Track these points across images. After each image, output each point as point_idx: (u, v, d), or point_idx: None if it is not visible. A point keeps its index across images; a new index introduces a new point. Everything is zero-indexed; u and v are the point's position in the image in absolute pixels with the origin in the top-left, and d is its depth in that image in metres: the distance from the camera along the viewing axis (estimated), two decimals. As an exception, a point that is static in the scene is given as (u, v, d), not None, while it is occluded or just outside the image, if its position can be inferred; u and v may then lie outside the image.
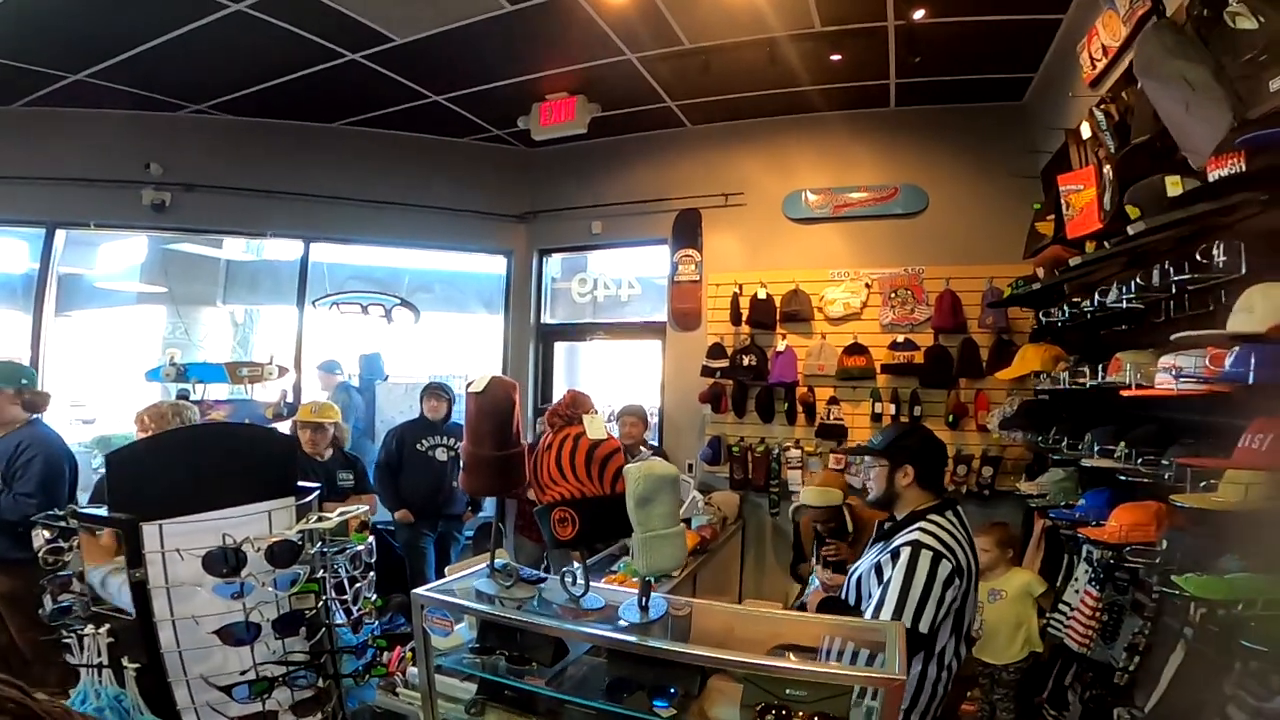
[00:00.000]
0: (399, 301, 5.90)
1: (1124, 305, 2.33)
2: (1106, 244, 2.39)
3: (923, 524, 2.04)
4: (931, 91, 4.61)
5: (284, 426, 4.56)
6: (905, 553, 1.95)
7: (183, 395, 4.48)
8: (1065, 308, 2.95)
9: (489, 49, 4.21)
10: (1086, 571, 2.67)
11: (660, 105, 5.04)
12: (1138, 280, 2.20)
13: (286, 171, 5.44)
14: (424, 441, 4.74)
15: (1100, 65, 2.76)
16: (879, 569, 2.04)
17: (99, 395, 5.65)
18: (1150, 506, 2.23)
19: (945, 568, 1.91)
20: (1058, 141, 3.45)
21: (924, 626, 1.86)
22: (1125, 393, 2.24)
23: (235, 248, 6.34)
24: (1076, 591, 2.73)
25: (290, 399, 5.08)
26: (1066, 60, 3.40)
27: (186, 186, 5.24)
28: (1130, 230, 2.11)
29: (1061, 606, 2.81)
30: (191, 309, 6.26)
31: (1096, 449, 2.47)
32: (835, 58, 4.22)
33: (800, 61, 4.25)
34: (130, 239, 5.92)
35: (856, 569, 2.22)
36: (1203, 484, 1.88)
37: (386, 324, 5.91)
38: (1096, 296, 2.52)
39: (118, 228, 5.47)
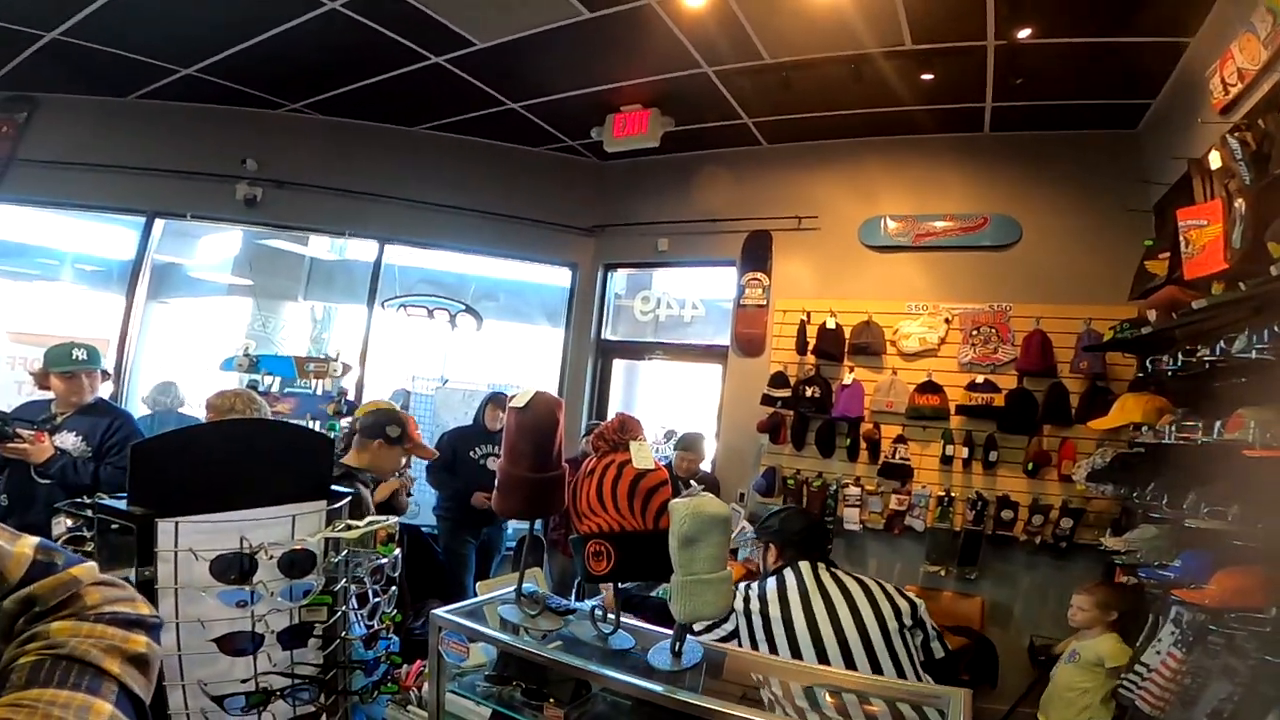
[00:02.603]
0: (464, 308, 5.94)
1: (1253, 355, 2.04)
2: (1242, 285, 2.10)
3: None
4: (1032, 116, 4.33)
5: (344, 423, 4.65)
6: None
7: (252, 386, 4.61)
8: (1178, 356, 2.64)
9: (566, 57, 4.19)
10: (1173, 633, 2.48)
11: (736, 121, 4.91)
12: (1275, 328, 1.91)
13: (368, 173, 5.59)
14: (477, 449, 4.70)
15: (1235, 91, 2.49)
16: None
17: (188, 380, 5.92)
18: (1259, 572, 2.07)
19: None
20: (1174, 174, 3.14)
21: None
22: (1250, 453, 2.00)
23: (320, 246, 6.54)
24: (1159, 653, 2.52)
25: (351, 397, 5.17)
26: (1193, 85, 3.11)
27: (278, 183, 5.45)
28: (1274, 271, 1.83)
29: (1138, 668, 2.60)
30: (275, 303, 6.49)
31: (1204, 509, 2.27)
32: (926, 77, 4.00)
33: (887, 80, 4.05)
34: (229, 232, 6.19)
35: None
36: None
37: (450, 329, 5.97)
38: (1220, 345, 2.23)
39: (211, 220, 5.74)
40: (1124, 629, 3.07)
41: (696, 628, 1.97)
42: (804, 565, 2.18)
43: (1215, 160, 2.47)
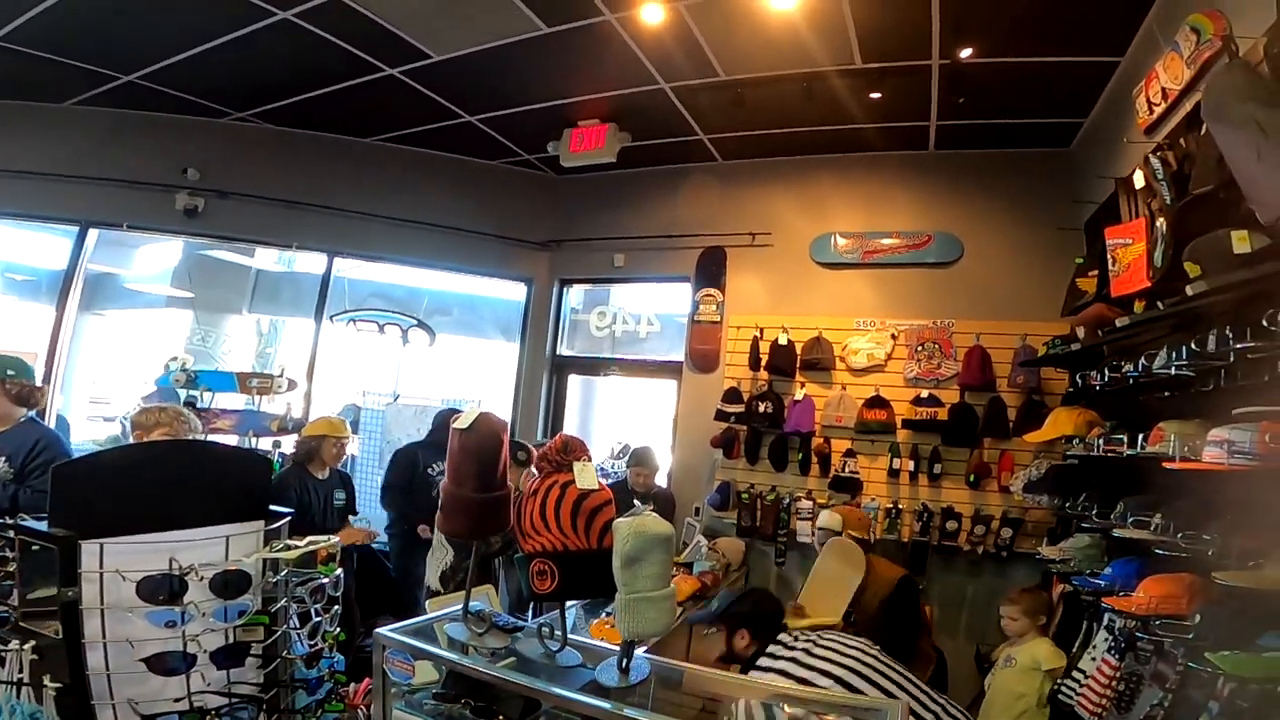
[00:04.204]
0: (416, 322, 5.86)
1: (1173, 372, 2.15)
2: (1160, 304, 2.21)
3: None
4: (973, 135, 4.51)
5: (289, 440, 4.52)
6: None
7: (190, 402, 4.44)
8: (1105, 371, 2.76)
9: (524, 70, 4.20)
10: (1106, 640, 2.56)
11: (691, 138, 4.99)
12: (1191, 345, 2.02)
13: (318, 184, 5.48)
14: (434, 466, 4.61)
15: (1159, 110, 2.60)
16: None
17: (122, 394, 5.67)
18: (1183, 579, 2.14)
19: None
20: (1105, 192, 3.29)
21: None
22: (1169, 464, 2.09)
23: (267, 258, 6.37)
24: (1094, 659, 2.60)
25: (296, 413, 5.02)
26: (1121, 105, 3.26)
27: (220, 193, 5.29)
28: (1190, 290, 1.93)
29: (1075, 674, 2.68)
30: (217, 316, 6.29)
31: (1130, 519, 2.37)
32: (875, 96, 4.12)
33: (838, 99, 4.17)
34: (168, 242, 5.97)
35: None
36: (1251, 563, 1.81)
37: (402, 344, 5.87)
38: (1142, 361, 2.34)
39: (149, 230, 5.52)
40: (1058, 634, 3.16)
41: None
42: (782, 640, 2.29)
43: (1139, 179, 2.57)
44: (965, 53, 3.58)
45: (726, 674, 1.91)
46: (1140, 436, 2.34)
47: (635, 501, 4.15)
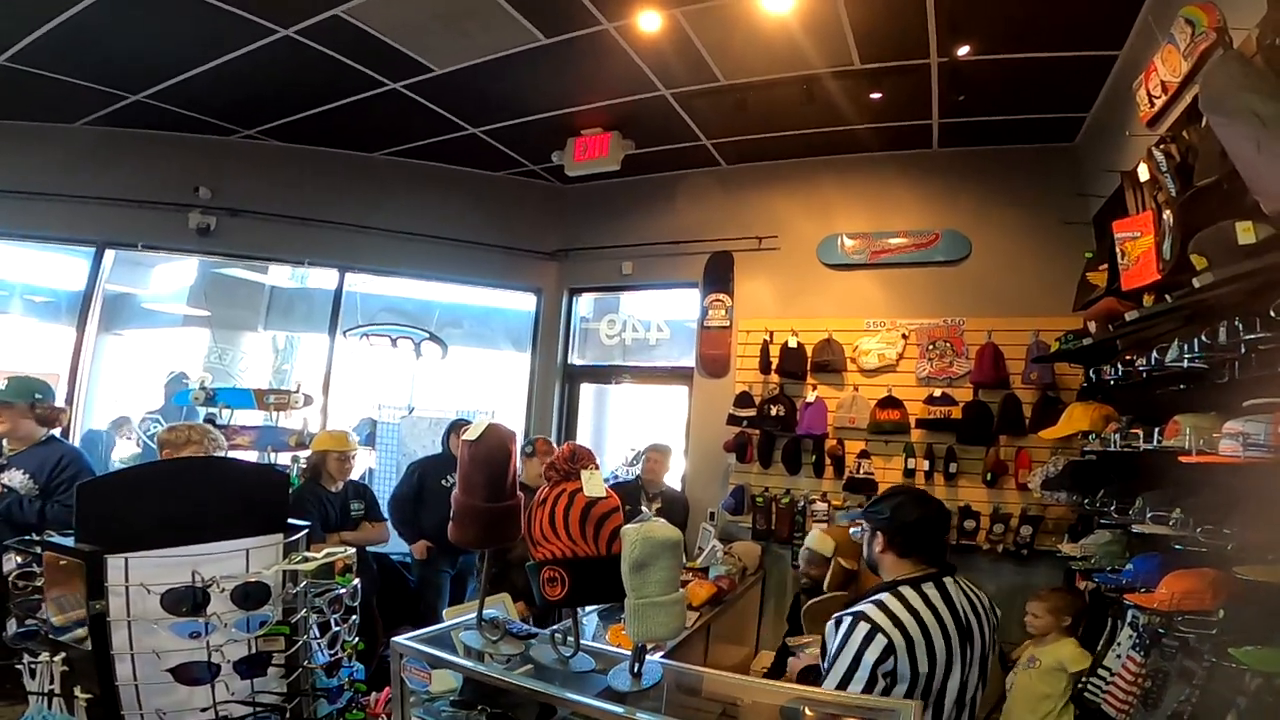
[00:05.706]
0: (428, 335, 5.90)
1: (1185, 365, 2.13)
2: (1168, 297, 2.20)
3: (882, 596, 1.89)
4: (977, 132, 4.49)
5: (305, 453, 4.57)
6: (845, 622, 1.84)
7: (209, 419, 4.51)
8: (1119, 365, 2.74)
9: (525, 82, 4.24)
10: (1131, 637, 2.52)
11: (695, 143, 5.01)
12: (1202, 338, 2.01)
13: (327, 200, 5.54)
14: (448, 478, 4.64)
15: (1159, 103, 2.59)
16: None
17: (142, 412, 5.76)
18: (1206, 574, 2.11)
19: (879, 644, 1.75)
20: (1111, 185, 3.28)
21: None
22: (1185, 458, 2.07)
23: (280, 274, 6.45)
24: (1119, 657, 2.56)
25: (313, 428, 5.08)
26: (1122, 98, 3.25)
27: (232, 211, 5.36)
28: (1196, 283, 1.92)
29: (1101, 672, 2.64)
30: (233, 333, 6.37)
31: (1149, 514, 2.33)
32: (875, 96, 4.13)
33: (838, 100, 4.18)
34: (183, 261, 6.06)
35: None
36: (1270, 557, 1.79)
37: (415, 357, 5.92)
38: (1154, 355, 2.32)
39: (164, 250, 5.60)
40: (1084, 632, 3.13)
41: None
42: (945, 582, 2.01)
43: (1143, 172, 2.56)
44: (963, 50, 3.58)
45: (744, 678, 1.91)
46: (1156, 431, 2.32)
47: (644, 508, 4.20)
